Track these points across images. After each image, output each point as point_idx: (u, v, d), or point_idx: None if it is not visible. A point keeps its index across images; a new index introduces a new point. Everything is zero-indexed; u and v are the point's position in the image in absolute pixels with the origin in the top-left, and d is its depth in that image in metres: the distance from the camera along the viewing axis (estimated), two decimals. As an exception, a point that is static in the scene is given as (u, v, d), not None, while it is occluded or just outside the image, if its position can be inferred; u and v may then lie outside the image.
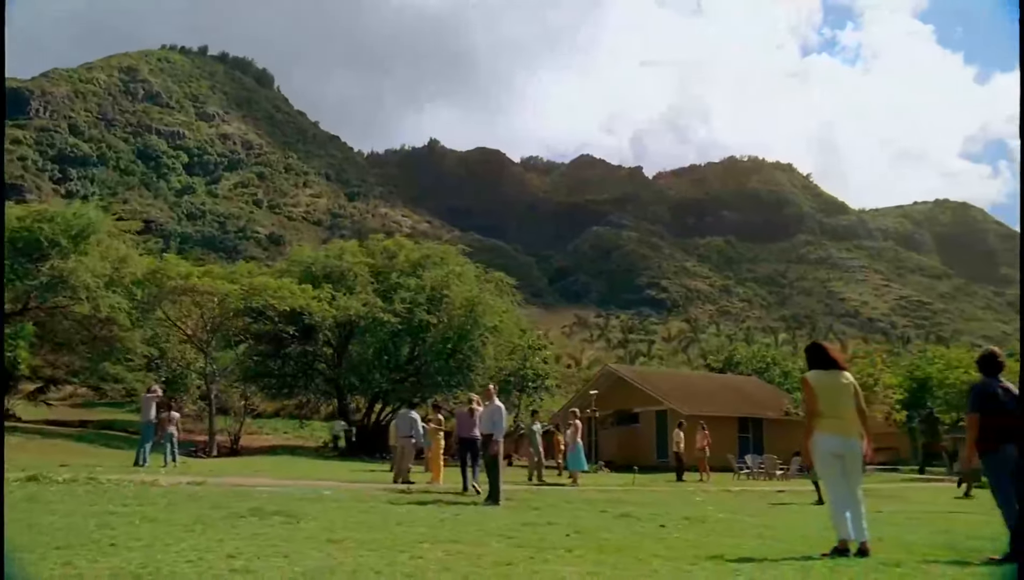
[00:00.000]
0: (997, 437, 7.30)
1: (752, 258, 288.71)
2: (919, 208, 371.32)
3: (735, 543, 7.66)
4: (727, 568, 5.12)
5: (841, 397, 6.72)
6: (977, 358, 8.19)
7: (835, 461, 6.61)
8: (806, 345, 7.58)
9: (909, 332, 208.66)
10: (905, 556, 6.72)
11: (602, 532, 8.35)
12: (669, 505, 13.92)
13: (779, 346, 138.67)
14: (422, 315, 34.64)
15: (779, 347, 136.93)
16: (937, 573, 5.30)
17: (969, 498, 20.43)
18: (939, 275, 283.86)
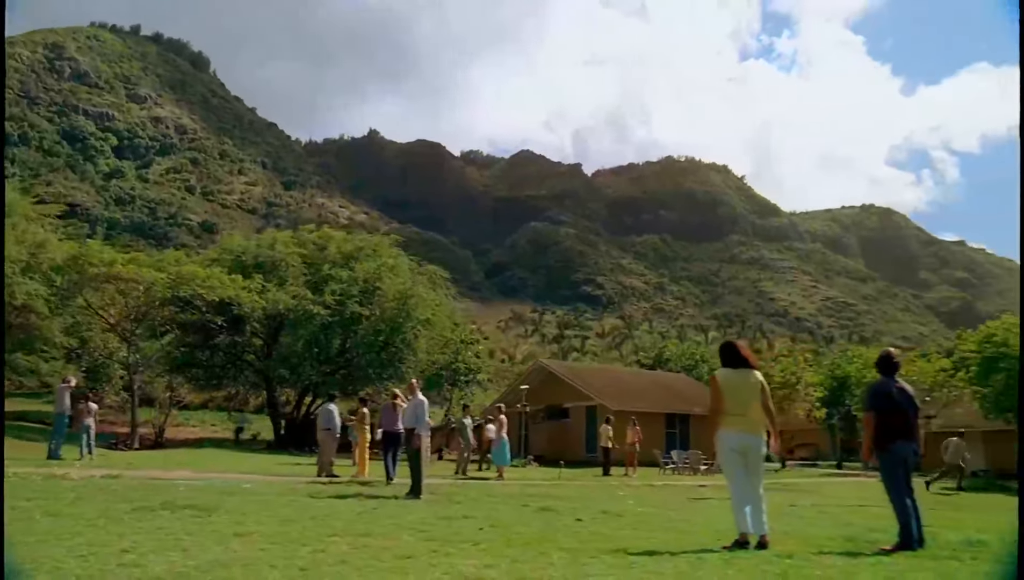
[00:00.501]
0: (891, 435, 7.65)
1: (687, 257, 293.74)
2: (847, 212, 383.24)
3: (645, 536, 7.81)
4: (625, 561, 5.24)
5: (747, 395, 6.92)
6: (876, 360, 8.56)
7: (738, 458, 6.82)
8: (720, 343, 7.77)
9: (834, 332, 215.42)
10: (802, 548, 6.97)
11: (517, 526, 8.43)
12: (591, 499, 14.10)
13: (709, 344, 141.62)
14: (354, 308, 34.28)
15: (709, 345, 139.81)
16: (826, 564, 5.51)
17: (963, 491, 21.29)
18: (863, 278, 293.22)
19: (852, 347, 67.97)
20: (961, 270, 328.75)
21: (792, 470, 35.82)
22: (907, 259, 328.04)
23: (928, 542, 8.01)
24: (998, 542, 8.80)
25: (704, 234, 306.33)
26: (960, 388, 34.33)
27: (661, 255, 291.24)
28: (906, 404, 7.78)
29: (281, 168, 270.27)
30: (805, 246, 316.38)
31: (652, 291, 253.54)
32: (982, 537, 9.14)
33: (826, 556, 6.29)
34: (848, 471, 34.93)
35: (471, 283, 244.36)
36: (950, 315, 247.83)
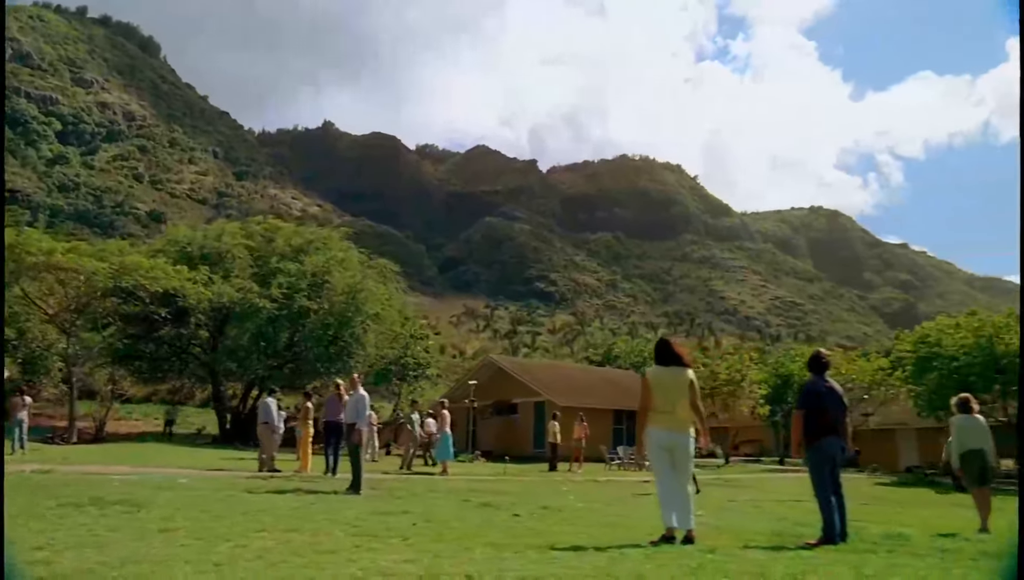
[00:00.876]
0: (819, 432, 7.87)
1: (639, 255, 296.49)
2: (796, 214, 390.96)
3: (577, 531, 7.90)
4: (547, 556, 5.30)
5: (676, 393, 7.02)
6: (807, 359, 8.78)
7: (665, 454, 6.92)
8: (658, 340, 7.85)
9: (782, 331, 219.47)
10: (728, 543, 7.13)
11: (452, 521, 8.46)
12: (533, 495, 14.18)
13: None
14: (302, 301, 33.89)
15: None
16: (746, 558, 5.63)
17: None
18: (811, 278, 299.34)
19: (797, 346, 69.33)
20: (904, 272, 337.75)
21: (735, 466, 36.47)
22: (853, 260, 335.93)
23: (852, 536, 8.24)
24: (918, 535, 9.13)
25: (657, 233, 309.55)
26: (897, 387, 35.26)
27: (614, 253, 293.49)
28: (834, 403, 8.00)
29: (233, 158, 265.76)
30: (755, 246, 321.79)
31: (604, 288, 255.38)
32: (904, 531, 9.47)
33: (750, 550, 6.43)
34: (790, 467, 35.65)
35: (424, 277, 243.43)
36: (892, 316, 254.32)
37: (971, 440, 10.85)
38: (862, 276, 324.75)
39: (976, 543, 8.64)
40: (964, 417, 11.01)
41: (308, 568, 4.21)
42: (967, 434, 10.91)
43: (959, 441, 10.95)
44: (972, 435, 10.88)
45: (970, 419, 10.97)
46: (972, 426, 10.94)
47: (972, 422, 10.95)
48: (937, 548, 7.80)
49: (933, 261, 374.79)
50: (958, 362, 28.75)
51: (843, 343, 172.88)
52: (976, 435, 10.87)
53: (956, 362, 28.82)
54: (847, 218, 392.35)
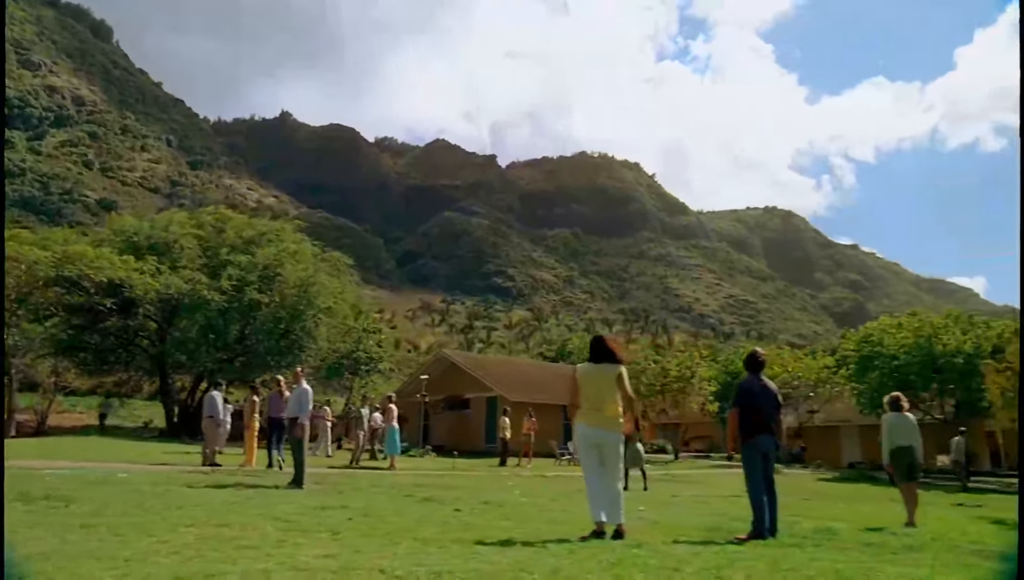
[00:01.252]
0: (753, 429, 8.02)
1: (596, 252, 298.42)
2: (751, 213, 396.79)
3: (513, 527, 7.91)
4: (471, 550, 5.31)
5: (605, 390, 7.07)
6: (743, 358, 8.94)
7: (593, 450, 6.98)
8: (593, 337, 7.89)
9: (735, 328, 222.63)
10: (659, 537, 7.22)
11: (389, 516, 8.43)
12: (478, 490, 14.17)
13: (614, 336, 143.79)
14: (253, 294, 33.44)
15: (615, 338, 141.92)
16: (671, 553, 5.70)
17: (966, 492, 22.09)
18: (764, 277, 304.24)
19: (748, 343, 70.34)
20: (854, 273, 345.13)
21: (685, 461, 36.90)
22: (805, 260, 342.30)
23: (783, 531, 8.42)
24: (848, 530, 9.33)
25: (614, 230, 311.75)
26: (841, 385, 36.02)
27: (571, 249, 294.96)
28: (769, 401, 8.16)
29: (187, 146, 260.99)
30: (711, 245, 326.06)
31: (562, 284, 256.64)
32: (835, 526, 9.65)
33: (678, 545, 6.50)
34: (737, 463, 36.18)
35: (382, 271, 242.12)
36: (842, 315, 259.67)
37: (901, 437, 11.12)
38: (813, 276, 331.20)
39: (901, 537, 8.87)
40: (895, 415, 11.28)
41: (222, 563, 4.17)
42: (897, 431, 11.18)
43: (890, 438, 11.20)
44: (902, 433, 11.15)
45: (900, 417, 11.24)
46: (902, 424, 11.20)
47: (902, 420, 11.22)
48: (863, 542, 7.97)
49: (882, 262, 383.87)
50: (898, 361, 29.49)
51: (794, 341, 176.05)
52: (905, 432, 11.15)
53: (897, 361, 29.56)
54: (800, 219, 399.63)
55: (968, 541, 8.85)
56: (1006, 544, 8.85)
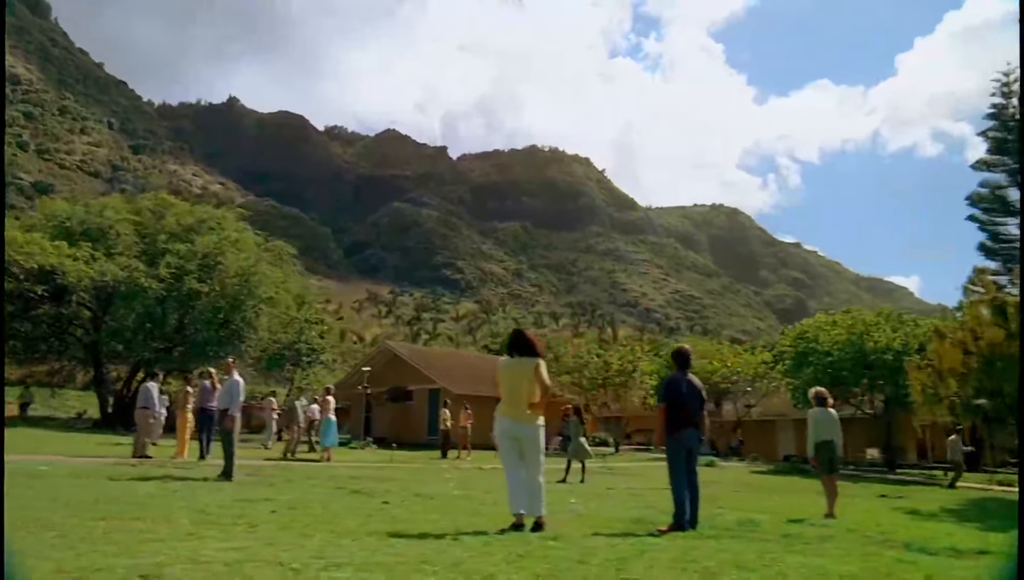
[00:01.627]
0: (679, 424, 8.18)
1: (546, 245, 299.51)
2: (698, 210, 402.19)
3: (440, 519, 7.95)
4: (383, 543, 5.33)
5: (523, 384, 7.14)
6: (671, 353, 9.11)
7: (512, 443, 7.05)
8: (512, 331, 7.94)
9: (680, 323, 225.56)
10: (581, 529, 7.32)
11: (315, 508, 8.41)
12: (413, 482, 14.15)
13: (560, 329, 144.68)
14: (192, 283, 32.77)
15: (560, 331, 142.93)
16: (583, 544, 5.79)
17: (954, 488, 22.43)
18: (710, 273, 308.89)
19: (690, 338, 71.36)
20: (797, 270, 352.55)
21: (625, 454, 37.33)
22: (750, 257, 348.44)
23: (706, 523, 8.62)
24: (770, 521, 9.60)
25: (564, 224, 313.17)
26: (778, 380, 36.79)
27: (521, 242, 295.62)
28: (694, 397, 8.33)
29: (130, 130, 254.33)
30: (658, 240, 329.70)
31: (510, 277, 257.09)
32: (758, 517, 9.92)
33: (596, 537, 6.60)
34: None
35: (330, 261, 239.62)
36: (784, 311, 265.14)
37: (824, 432, 11.47)
38: (758, 273, 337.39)
39: (819, 528, 9.17)
40: (820, 410, 11.62)
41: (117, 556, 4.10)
42: (821, 426, 11.53)
43: (815, 432, 11.54)
44: (825, 427, 11.51)
45: (824, 413, 11.59)
46: (826, 419, 11.56)
47: (826, 415, 11.57)
48: (781, 533, 8.20)
49: (824, 261, 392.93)
50: (832, 357, 30.24)
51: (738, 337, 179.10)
52: (828, 427, 11.51)
53: (830, 357, 30.31)
54: (746, 216, 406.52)
55: (880, 532, 9.18)
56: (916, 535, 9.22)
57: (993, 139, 23.51)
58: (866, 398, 32.05)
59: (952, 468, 24.79)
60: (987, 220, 23.50)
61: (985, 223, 23.46)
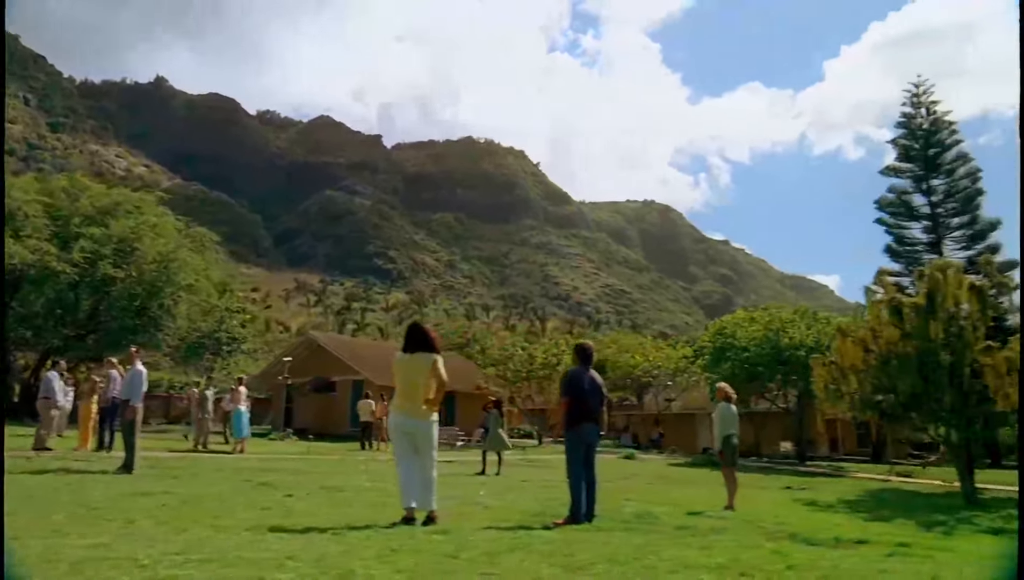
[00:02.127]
0: (578, 418, 8.32)
1: (479, 237, 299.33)
2: (631, 206, 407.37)
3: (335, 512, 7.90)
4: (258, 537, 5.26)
5: (419, 379, 7.18)
6: (573, 349, 9.23)
7: (405, 438, 7.08)
8: (408, 325, 7.93)
9: (610, 317, 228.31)
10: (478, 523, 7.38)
11: (209, 502, 8.27)
12: (325, 474, 14.00)
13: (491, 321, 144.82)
14: (107, 268, 31.70)
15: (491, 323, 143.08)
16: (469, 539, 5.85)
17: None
18: (640, 268, 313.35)
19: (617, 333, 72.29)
20: (725, 267, 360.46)
21: (548, 447, 37.67)
22: (679, 254, 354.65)
23: (605, 516, 8.77)
24: (669, 513, 9.83)
25: (497, 216, 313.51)
26: (698, 374, 37.62)
27: (454, 233, 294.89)
28: (595, 392, 8.49)
29: (48, 107, 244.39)
30: (591, 235, 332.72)
31: (443, 268, 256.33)
32: (658, 510, 10.15)
33: (487, 531, 6.65)
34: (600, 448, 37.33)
35: (259, 249, 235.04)
36: (712, 307, 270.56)
37: (728, 426, 11.81)
38: (687, 269, 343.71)
39: (715, 520, 9.43)
40: (724, 405, 11.96)
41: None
42: (728, 421, 11.86)
43: (720, 426, 11.86)
44: (729, 422, 11.84)
45: (729, 408, 11.92)
46: (730, 414, 11.90)
47: (730, 410, 11.91)
48: (675, 525, 8.41)
49: (751, 258, 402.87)
50: (748, 353, 31.04)
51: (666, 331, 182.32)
52: (732, 422, 11.86)
53: (747, 353, 31.11)
54: (677, 213, 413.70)
55: (774, 523, 9.48)
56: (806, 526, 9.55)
57: (901, 147, 24.50)
58: (780, 393, 33.03)
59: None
60: (893, 224, 24.47)
61: (891, 226, 24.42)
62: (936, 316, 15.10)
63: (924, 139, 24.29)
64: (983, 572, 6.07)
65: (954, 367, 14.93)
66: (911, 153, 24.26)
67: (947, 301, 15.14)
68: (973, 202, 23.53)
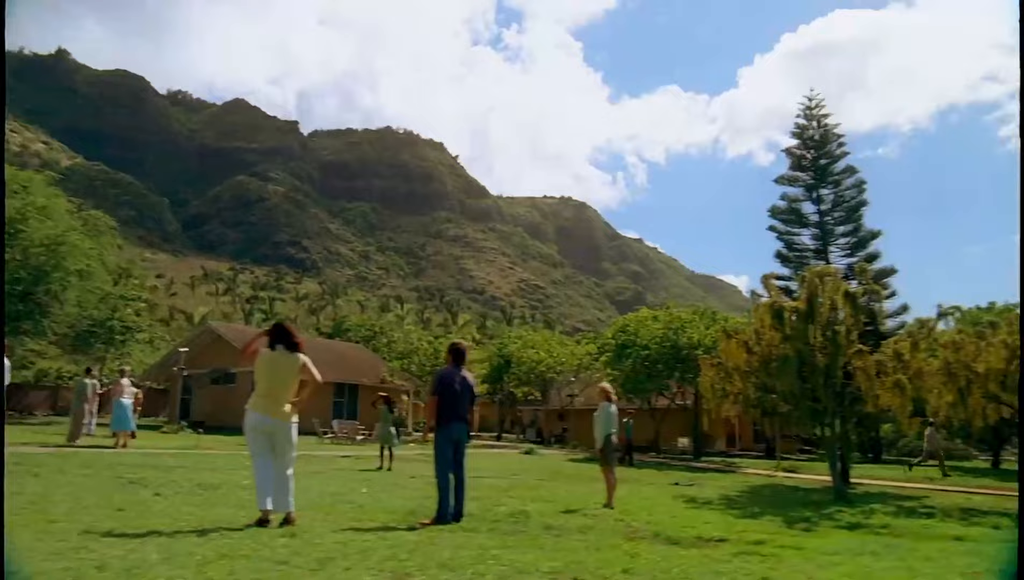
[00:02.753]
0: (448, 417, 8.34)
1: (395, 228, 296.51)
2: (547, 201, 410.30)
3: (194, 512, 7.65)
4: (87, 541, 5.09)
5: (283, 378, 7.07)
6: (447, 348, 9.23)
7: (262, 437, 6.93)
8: (273, 323, 7.78)
9: (524, 312, 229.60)
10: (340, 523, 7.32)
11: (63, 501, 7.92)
12: (204, 471, 13.61)
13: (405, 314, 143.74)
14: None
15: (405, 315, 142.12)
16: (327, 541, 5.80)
17: (947, 476, 22.97)
18: (555, 264, 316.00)
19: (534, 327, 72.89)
20: (637, 264, 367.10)
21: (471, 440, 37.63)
22: (593, 250, 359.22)
23: (478, 516, 8.82)
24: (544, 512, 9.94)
25: (414, 207, 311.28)
26: (601, 370, 38.23)
27: (369, 223, 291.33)
28: (465, 391, 8.52)
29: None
30: (507, 229, 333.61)
31: (357, 259, 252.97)
32: (533, 508, 10.25)
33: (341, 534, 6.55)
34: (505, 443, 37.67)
35: (165, 233, 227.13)
36: (623, 303, 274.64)
37: (609, 426, 12.03)
38: (601, 265, 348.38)
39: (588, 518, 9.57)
40: (607, 405, 12.18)
41: None
42: (610, 420, 12.08)
43: (603, 426, 12.06)
44: (611, 421, 12.07)
45: (609, 408, 12.15)
46: (612, 414, 12.13)
47: (610, 410, 12.13)
48: (543, 525, 8.51)
49: (662, 257, 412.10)
50: (648, 351, 31.75)
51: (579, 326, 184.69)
52: (613, 421, 12.09)
53: (647, 351, 31.81)
54: (593, 210, 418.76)
55: (645, 521, 9.66)
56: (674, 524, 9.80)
57: (793, 156, 25.44)
58: (679, 391, 33.88)
59: (929, 457, 26.19)
60: (784, 230, 25.36)
61: (782, 233, 25.32)
62: (814, 320, 15.73)
63: (815, 150, 25.28)
64: (819, 572, 6.35)
65: (828, 370, 15.56)
66: (801, 163, 25.25)
67: (824, 306, 15.78)
68: (857, 212, 24.61)
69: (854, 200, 24.62)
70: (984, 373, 15.14)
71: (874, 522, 11.41)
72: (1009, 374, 14.97)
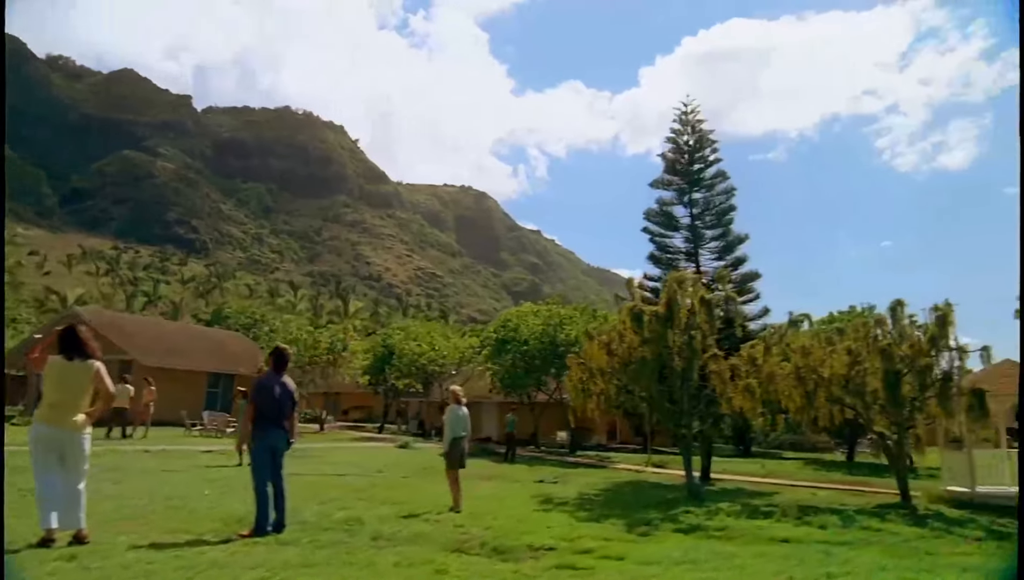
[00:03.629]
0: (266, 424, 8.11)
1: (290, 210, 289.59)
2: (448, 190, 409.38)
3: None
4: None
5: (75, 387, 6.70)
6: (270, 352, 9.01)
7: (49, 451, 6.54)
8: (62, 328, 7.28)
9: (420, 300, 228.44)
10: (147, 536, 7.02)
11: None
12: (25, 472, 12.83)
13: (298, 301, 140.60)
14: None
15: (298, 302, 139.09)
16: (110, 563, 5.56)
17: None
18: (453, 253, 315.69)
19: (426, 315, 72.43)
20: (534, 256, 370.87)
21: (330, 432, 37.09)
22: (492, 240, 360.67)
23: (311, 524, 8.63)
24: (383, 517, 9.79)
25: (311, 190, 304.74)
26: (482, 364, 38.35)
27: (264, 205, 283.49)
28: (285, 398, 8.32)
29: None
30: (406, 216, 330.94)
31: (250, 241, 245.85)
32: (370, 514, 10.02)
33: (135, 551, 6.26)
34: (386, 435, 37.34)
35: (41, 208, 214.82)
36: (520, 294, 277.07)
37: (459, 427, 11.96)
38: (499, 255, 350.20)
39: (425, 525, 9.48)
40: (455, 407, 12.11)
41: None
42: (460, 422, 12.01)
43: (451, 428, 11.96)
44: (460, 423, 12.00)
45: (460, 410, 12.08)
46: (461, 416, 12.06)
47: (461, 412, 12.07)
48: (372, 534, 8.39)
49: (559, 249, 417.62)
50: (527, 346, 32.04)
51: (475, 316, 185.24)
52: (462, 423, 12.03)
53: (526, 346, 32.09)
54: (493, 201, 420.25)
55: (482, 528, 9.58)
56: (515, 530, 9.81)
57: (668, 161, 26.11)
58: (556, 386, 34.32)
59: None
60: (657, 233, 26.01)
61: (655, 235, 25.97)
62: (674, 324, 16.16)
63: (689, 155, 25.99)
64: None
65: (685, 372, 16.04)
66: (675, 167, 25.92)
67: (683, 311, 16.24)
68: (727, 216, 25.45)
69: (723, 205, 25.45)
70: (829, 378, 15.89)
71: (714, 524, 11.56)
72: (851, 378, 15.75)
